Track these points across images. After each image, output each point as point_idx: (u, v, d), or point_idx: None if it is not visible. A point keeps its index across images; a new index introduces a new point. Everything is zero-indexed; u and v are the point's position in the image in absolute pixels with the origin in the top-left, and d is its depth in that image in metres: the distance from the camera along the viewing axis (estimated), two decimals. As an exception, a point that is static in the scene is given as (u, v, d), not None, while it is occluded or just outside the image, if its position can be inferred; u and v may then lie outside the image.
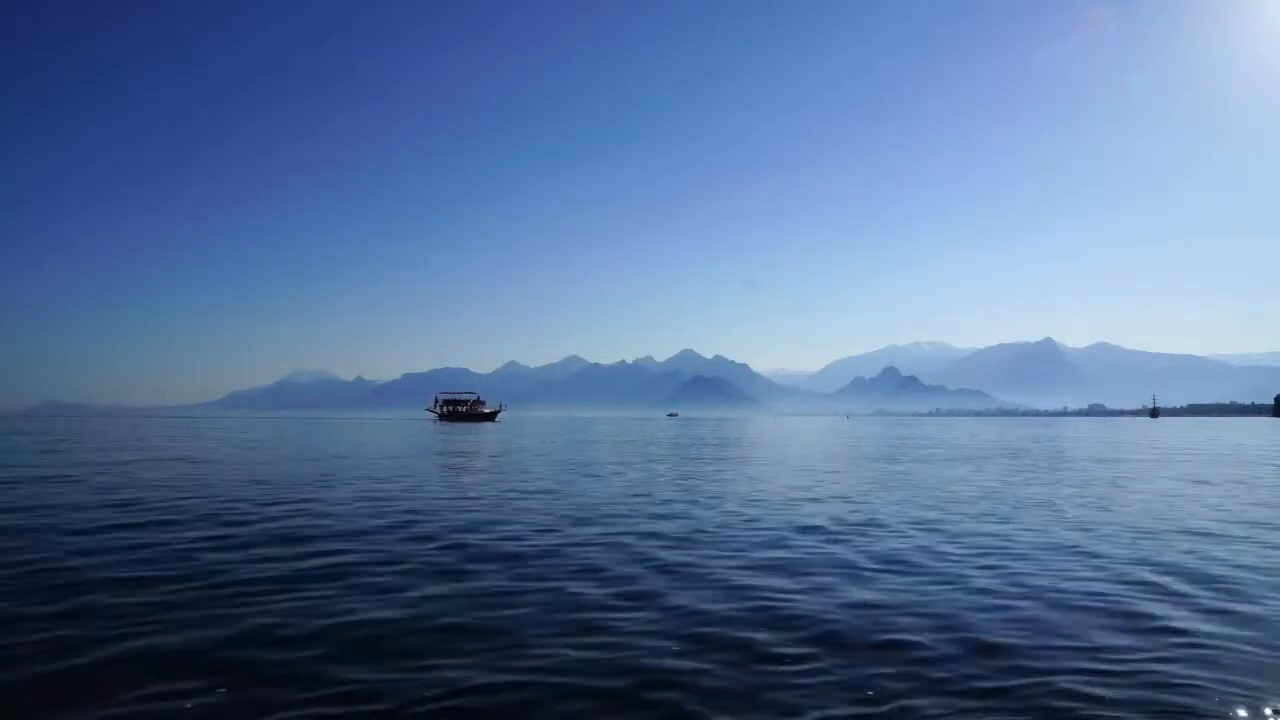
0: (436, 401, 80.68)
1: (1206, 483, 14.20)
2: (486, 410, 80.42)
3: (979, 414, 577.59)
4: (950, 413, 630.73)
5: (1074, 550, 7.12)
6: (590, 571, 6.11)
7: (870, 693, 3.60)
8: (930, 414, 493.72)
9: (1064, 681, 3.73)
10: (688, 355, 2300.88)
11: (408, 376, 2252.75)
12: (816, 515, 9.33)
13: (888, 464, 19.13)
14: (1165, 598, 5.35)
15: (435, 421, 74.77)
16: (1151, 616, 4.86)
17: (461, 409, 79.34)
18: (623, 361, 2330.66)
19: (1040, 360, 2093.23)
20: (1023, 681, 3.76)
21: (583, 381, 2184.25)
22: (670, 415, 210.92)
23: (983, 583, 5.75)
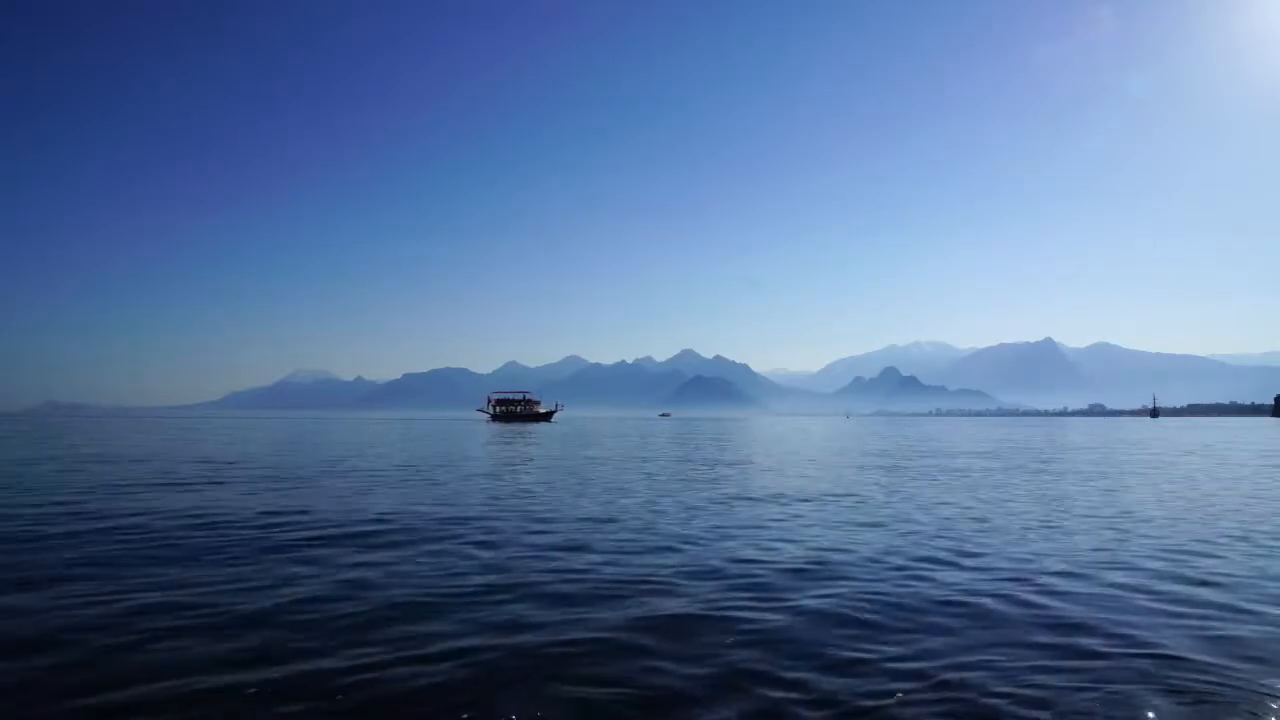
0: (489, 401, 78.75)
1: None
2: (542, 410, 77.85)
3: (979, 414, 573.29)
4: (950, 413, 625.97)
5: None
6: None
7: None
8: (930, 414, 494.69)
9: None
10: (688, 355, 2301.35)
11: (408, 376, 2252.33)
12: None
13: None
14: None
15: (488, 421, 72.12)
16: None
17: (516, 409, 76.68)
18: (623, 361, 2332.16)
19: (1040, 360, 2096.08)
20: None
21: (583, 381, 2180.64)
22: (662, 415, 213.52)
23: None
